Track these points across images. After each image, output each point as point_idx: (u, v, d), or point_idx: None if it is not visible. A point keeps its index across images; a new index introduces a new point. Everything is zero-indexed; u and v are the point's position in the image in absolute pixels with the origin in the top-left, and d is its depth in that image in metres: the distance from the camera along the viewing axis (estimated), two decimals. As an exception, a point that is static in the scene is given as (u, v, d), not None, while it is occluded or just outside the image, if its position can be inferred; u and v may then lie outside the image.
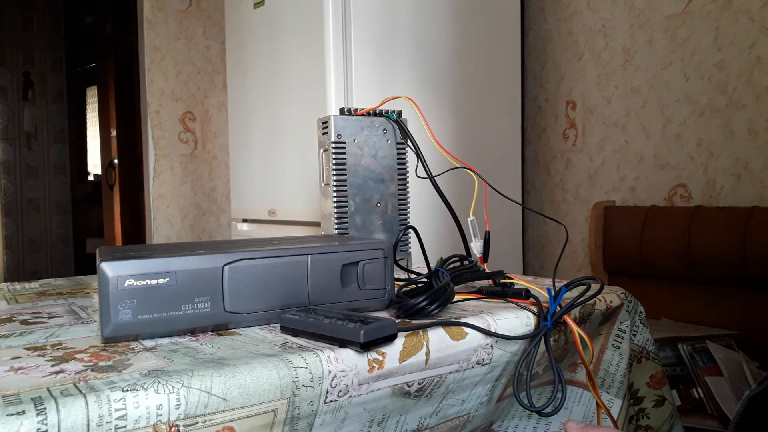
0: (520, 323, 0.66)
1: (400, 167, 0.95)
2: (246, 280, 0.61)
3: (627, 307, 0.81)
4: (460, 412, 0.66)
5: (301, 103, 1.72)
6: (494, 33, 1.93)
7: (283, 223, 1.85)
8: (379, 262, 0.68)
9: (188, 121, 2.54)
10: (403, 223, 0.96)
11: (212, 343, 0.57)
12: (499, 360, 0.65)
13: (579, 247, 2.02)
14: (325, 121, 0.91)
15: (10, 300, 0.83)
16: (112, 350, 0.55)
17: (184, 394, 0.45)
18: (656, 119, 1.78)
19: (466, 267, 0.81)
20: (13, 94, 4.62)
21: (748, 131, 1.58)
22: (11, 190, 4.64)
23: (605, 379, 0.80)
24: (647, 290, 1.64)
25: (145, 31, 2.44)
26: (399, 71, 1.71)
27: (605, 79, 1.91)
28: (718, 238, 1.50)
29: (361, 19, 1.63)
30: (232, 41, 2.07)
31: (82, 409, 0.42)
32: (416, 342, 0.58)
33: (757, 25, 1.55)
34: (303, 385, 0.51)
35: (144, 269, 0.57)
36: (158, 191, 2.49)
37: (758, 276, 1.44)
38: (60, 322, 0.67)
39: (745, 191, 1.59)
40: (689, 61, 1.69)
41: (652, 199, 1.79)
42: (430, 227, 1.63)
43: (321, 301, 0.65)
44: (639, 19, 1.81)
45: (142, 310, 0.57)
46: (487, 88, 1.91)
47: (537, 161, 2.15)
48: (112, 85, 3.76)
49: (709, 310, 1.55)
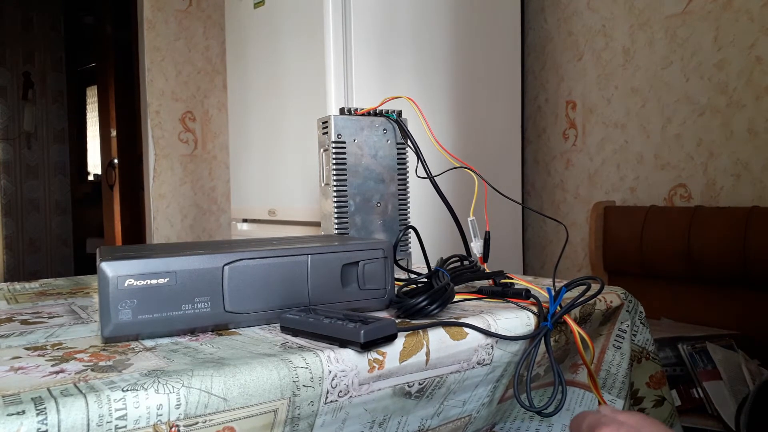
0: (520, 323, 0.66)
1: (400, 167, 0.95)
2: (246, 280, 0.61)
3: (627, 307, 0.81)
4: (462, 413, 0.66)
5: (301, 103, 1.72)
6: (494, 33, 1.93)
7: (283, 223, 1.85)
8: (379, 262, 0.68)
9: (188, 121, 2.54)
10: (403, 223, 0.96)
11: (212, 343, 0.57)
12: (499, 360, 0.65)
13: (579, 247, 2.02)
14: (325, 121, 0.91)
15: (10, 300, 0.83)
16: (112, 350, 0.55)
17: (185, 394, 0.45)
18: (656, 119, 1.78)
19: (466, 267, 0.81)
20: (13, 94, 4.62)
21: (748, 131, 1.58)
22: (11, 190, 4.64)
23: (607, 380, 0.80)
24: (647, 290, 1.64)
25: (145, 31, 2.44)
26: (399, 71, 1.71)
27: (605, 79, 1.91)
28: (718, 238, 1.50)
29: (361, 19, 1.63)
30: (232, 41, 2.07)
31: (82, 409, 0.41)
32: (416, 342, 0.58)
33: (757, 25, 1.55)
34: (303, 385, 0.51)
35: (144, 269, 0.57)
36: (158, 191, 2.49)
37: (758, 276, 1.44)
38: (60, 322, 0.67)
39: (745, 191, 1.59)
40: (689, 61, 1.69)
41: (652, 199, 1.79)
42: (430, 227, 1.63)
43: (321, 301, 0.65)
44: (639, 19, 1.81)
45: (142, 310, 0.57)
46: (487, 88, 1.91)
47: (537, 161, 2.15)
48: (112, 85, 3.76)
49: (708, 310, 1.55)
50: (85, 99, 5.02)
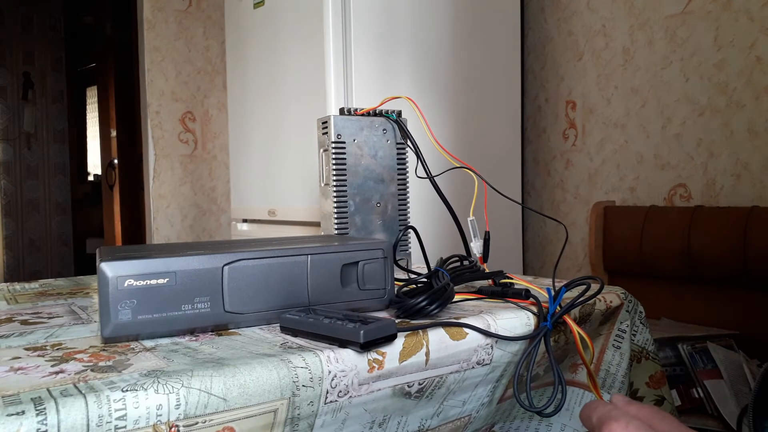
0: (520, 323, 0.66)
1: (400, 167, 0.95)
2: (246, 280, 0.61)
3: (627, 307, 0.81)
4: (462, 413, 0.66)
5: (301, 103, 1.72)
6: (494, 33, 1.93)
7: (283, 223, 1.85)
8: (379, 262, 0.68)
9: (188, 121, 2.54)
10: (403, 223, 0.96)
11: (212, 344, 0.57)
12: (499, 360, 0.65)
13: (579, 247, 2.02)
14: (325, 121, 0.91)
15: (10, 300, 0.83)
16: (112, 350, 0.55)
17: (184, 394, 0.45)
18: (656, 119, 1.78)
19: (466, 267, 0.81)
20: (13, 94, 4.62)
21: (748, 131, 1.58)
22: (11, 191, 4.64)
23: (606, 380, 0.80)
24: (647, 290, 1.64)
25: (145, 32, 2.44)
26: (399, 71, 1.71)
27: (605, 79, 1.91)
28: (718, 238, 1.50)
29: (361, 19, 1.63)
30: (232, 41, 2.07)
31: (82, 410, 0.41)
32: (416, 342, 0.58)
33: (757, 25, 1.55)
34: (303, 385, 0.51)
35: (144, 269, 0.57)
36: (158, 191, 2.49)
37: (758, 276, 1.44)
38: (60, 323, 0.67)
39: (745, 191, 1.59)
40: (689, 61, 1.69)
41: (652, 199, 1.79)
42: (430, 227, 1.63)
43: (321, 301, 0.65)
44: (639, 19, 1.81)
45: (142, 310, 0.57)
46: (487, 88, 1.91)
47: (537, 161, 2.15)
48: (112, 86, 3.76)
49: (708, 310, 1.55)
50: (85, 99, 5.02)
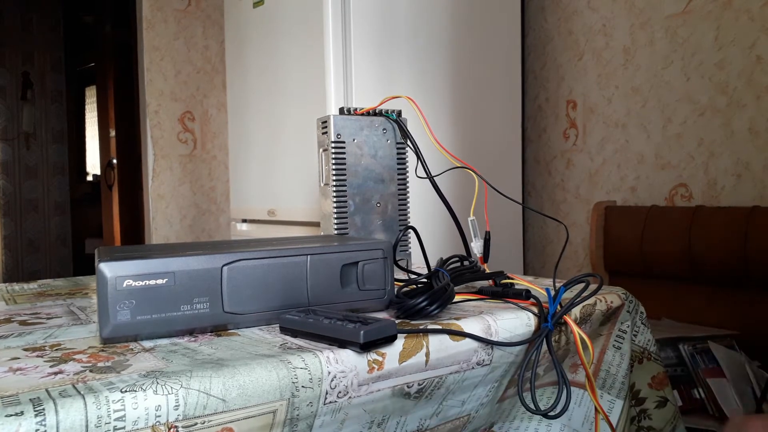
0: (520, 324, 0.66)
1: (399, 167, 0.95)
2: (245, 281, 0.61)
3: (628, 307, 0.81)
4: (461, 413, 0.66)
5: (301, 103, 1.72)
6: (494, 33, 1.92)
7: (282, 223, 1.84)
8: (378, 263, 0.68)
9: (187, 121, 2.54)
10: (403, 223, 0.96)
11: (211, 344, 0.56)
12: (499, 361, 0.65)
13: (580, 247, 2.01)
14: (324, 121, 0.91)
15: (9, 301, 0.83)
16: (111, 351, 0.55)
17: (183, 395, 0.45)
18: (657, 119, 1.78)
19: (466, 267, 0.81)
20: (13, 94, 4.62)
21: (749, 131, 1.58)
22: (10, 191, 4.64)
23: (606, 380, 0.79)
24: (648, 290, 1.64)
25: (145, 31, 2.44)
26: (399, 71, 1.71)
27: (606, 78, 1.91)
28: (719, 238, 1.50)
29: (361, 19, 1.62)
30: (232, 41, 2.06)
31: (81, 410, 0.41)
32: (416, 343, 0.58)
33: (757, 24, 1.55)
34: (302, 386, 0.50)
35: (143, 270, 0.56)
36: (157, 191, 2.48)
37: (759, 276, 1.43)
38: (59, 323, 0.67)
39: (746, 191, 1.58)
40: (690, 60, 1.69)
41: (652, 199, 1.79)
42: (430, 227, 1.63)
43: (320, 302, 0.65)
44: (639, 18, 1.81)
45: (141, 310, 0.56)
46: (487, 88, 1.91)
47: (537, 161, 2.14)
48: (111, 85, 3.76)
49: (710, 310, 1.55)
50: (84, 99, 5.02)
